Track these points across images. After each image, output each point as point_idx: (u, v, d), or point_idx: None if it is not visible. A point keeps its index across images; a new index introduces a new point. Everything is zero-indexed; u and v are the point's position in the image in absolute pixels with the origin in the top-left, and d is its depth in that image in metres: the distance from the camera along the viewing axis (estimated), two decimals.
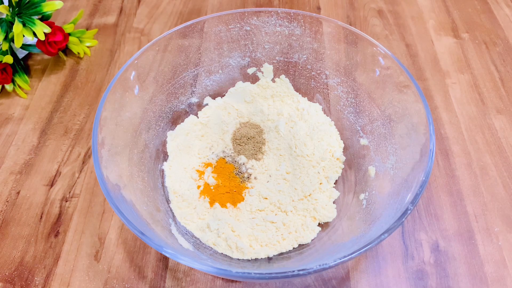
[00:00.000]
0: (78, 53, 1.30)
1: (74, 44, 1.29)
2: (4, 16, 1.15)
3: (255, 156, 1.04)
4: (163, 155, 1.04)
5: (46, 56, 1.31)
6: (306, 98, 1.13)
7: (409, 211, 0.73)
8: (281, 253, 0.90)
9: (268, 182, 1.00)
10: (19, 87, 1.20)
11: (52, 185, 1.03)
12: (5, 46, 1.17)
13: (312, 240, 0.92)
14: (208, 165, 1.03)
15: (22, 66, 1.23)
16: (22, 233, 0.96)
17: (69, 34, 1.28)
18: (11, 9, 1.14)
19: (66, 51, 1.31)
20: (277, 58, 1.13)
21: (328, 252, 0.85)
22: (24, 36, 1.13)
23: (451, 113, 1.16)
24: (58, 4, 1.17)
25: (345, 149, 1.05)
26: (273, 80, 1.15)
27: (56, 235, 0.95)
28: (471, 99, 1.20)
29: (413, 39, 1.37)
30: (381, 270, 0.91)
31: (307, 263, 0.78)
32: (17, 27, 1.11)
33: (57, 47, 1.23)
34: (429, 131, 0.82)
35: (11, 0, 1.12)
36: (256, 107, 1.11)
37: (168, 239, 0.83)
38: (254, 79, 1.15)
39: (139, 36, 1.38)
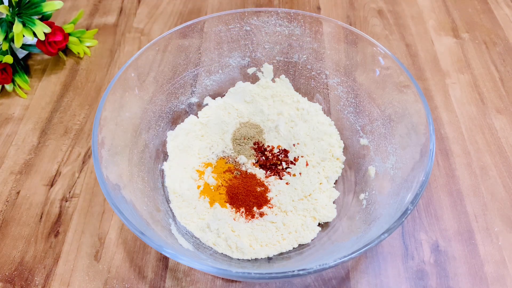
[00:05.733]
0: (78, 53, 1.30)
1: (74, 44, 1.29)
2: (4, 16, 1.15)
3: (255, 156, 1.04)
4: (163, 155, 1.04)
5: (46, 56, 1.31)
6: (306, 98, 1.13)
7: (409, 211, 0.73)
8: (281, 253, 0.90)
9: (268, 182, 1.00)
10: (19, 87, 1.20)
11: (52, 185, 1.03)
12: (5, 46, 1.17)
13: (312, 240, 0.92)
14: (208, 165, 1.03)
15: (22, 66, 1.23)
16: (22, 233, 0.96)
17: (69, 34, 1.28)
18: (11, 9, 1.14)
19: (66, 51, 1.31)
20: (277, 58, 1.13)
21: (328, 252, 0.85)
22: (24, 36, 1.14)
23: (451, 113, 1.16)
24: (58, 4, 1.17)
25: (345, 149, 1.05)
26: (273, 80, 1.15)
27: (56, 235, 0.95)
28: (471, 99, 1.20)
29: (413, 39, 1.37)
30: (381, 270, 0.91)
31: (307, 263, 0.78)
32: (17, 27, 1.11)
33: (57, 47, 1.23)
34: (429, 131, 0.82)
35: (11, 0, 1.12)
36: (256, 107, 1.11)
37: (168, 239, 0.83)
38: (254, 79, 1.15)
39: (139, 36, 1.38)
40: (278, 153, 1.04)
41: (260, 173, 1.01)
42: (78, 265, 0.91)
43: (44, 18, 1.24)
